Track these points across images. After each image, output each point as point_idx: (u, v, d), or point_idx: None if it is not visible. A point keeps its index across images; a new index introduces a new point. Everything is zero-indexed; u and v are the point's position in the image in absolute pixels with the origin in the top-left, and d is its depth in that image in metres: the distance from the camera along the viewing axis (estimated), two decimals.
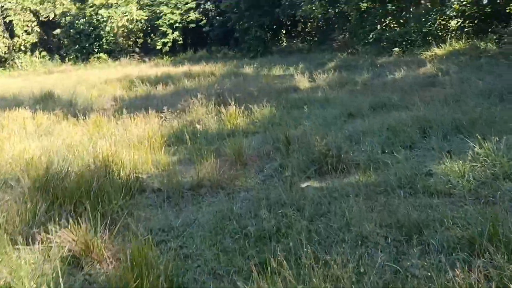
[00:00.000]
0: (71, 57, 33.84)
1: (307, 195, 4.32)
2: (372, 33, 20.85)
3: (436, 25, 18.04)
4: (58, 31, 34.38)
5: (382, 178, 4.67)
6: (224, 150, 6.24)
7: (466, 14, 17.46)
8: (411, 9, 20.67)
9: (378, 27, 21.29)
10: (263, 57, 25.84)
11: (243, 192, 4.85)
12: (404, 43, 18.06)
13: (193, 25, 33.43)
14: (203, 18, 33.54)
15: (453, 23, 18.11)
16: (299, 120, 7.86)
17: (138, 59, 34.24)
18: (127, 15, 34.64)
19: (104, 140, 6.79)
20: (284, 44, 32.29)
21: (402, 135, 5.99)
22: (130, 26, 35.99)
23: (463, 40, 16.12)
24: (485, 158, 4.66)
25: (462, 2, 17.48)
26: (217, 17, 33.11)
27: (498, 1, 17.18)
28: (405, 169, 4.71)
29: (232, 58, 26.99)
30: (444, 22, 18.13)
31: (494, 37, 15.65)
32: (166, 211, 4.51)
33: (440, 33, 17.85)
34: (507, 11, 16.82)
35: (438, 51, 16.16)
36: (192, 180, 5.22)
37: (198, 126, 7.92)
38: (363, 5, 22.43)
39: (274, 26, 31.13)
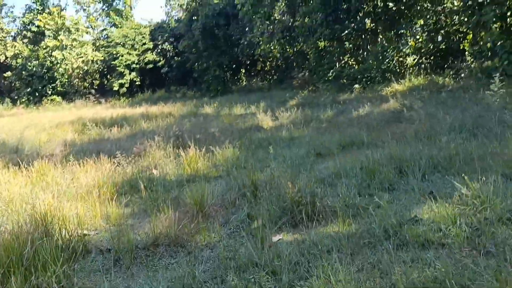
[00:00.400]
0: (23, 100, 32.54)
1: (281, 253, 3.69)
2: (331, 71, 20.87)
3: (394, 62, 18.22)
4: (9, 73, 33.13)
5: (364, 227, 4.12)
6: (183, 199, 5.58)
7: (422, 51, 17.75)
8: (369, 47, 20.90)
9: (337, 64, 21.36)
10: (223, 96, 25.50)
11: (206, 250, 4.18)
12: (364, 79, 18.08)
13: (151, 65, 32.97)
14: (161, 59, 33.17)
15: (410, 60, 18.33)
16: (265, 162, 7.31)
17: (94, 100, 33.38)
18: (82, 57, 33.89)
19: (48, 192, 6.01)
20: (244, 83, 32.20)
21: (377, 175, 5.52)
22: (86, 68, 35.22)
23: (422, 76, 16.26)
24: (473, 200, 4.21)
25: (418, 39, 17.82)
26: (175, 58, 32.79)
27: (451, 38, 17.59)
28: (388, 215, 4.19)
29: (192, 98, 26.50)
30: (401, 58, 18.34)
31: (451, 72, 15.84)
32: (114, 279, 3.78)
33: (398, 69, 18.02)
34: (461, 47, 17.18)
35: (398, 87, 16.21)
36: (147, 237, 4.51)
37: (155, 171, 7.26)
38: (321, 44, 22.62)
39: (233, 66, 31.06)
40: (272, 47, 27.06)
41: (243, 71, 33.05)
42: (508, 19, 13.79)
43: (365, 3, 18.92)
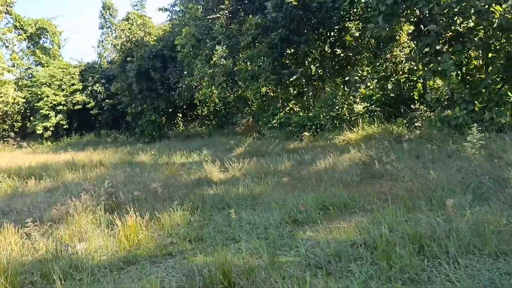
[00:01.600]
0: None
1: None
2: (276, 117, 19.79)
3: (344, 109, 17.39)
4: None
5: None
6: None
7: (374, 98, 17.09)
8: (315, 93, 20.14)
9: (282, 111, 20.32)
10: (159, 142, 23.63)
11: None
12: (313, 127, 17.04)
13: (80, 106, 30.54)
14: (91, 101, 30.87)
15: (360, 107, 17.59)
16: (227, 232, 5.66)
17: (14, 144, 30.24)
18: (2, 97, 30.84)
19: None
20: (181, 128, 30.46)
21: (395, 259, 4.03)
22: (6, 109, 32.11)
23: (376, 124, 15.43)
24: None
25: (369, 86, 17.20)
26: (106, 100, 30.64)
27: (402, 86, 17.13)
28: None
29: (124, 144, 24.34)
30: (351, 106, 17.56)
31: (404, 121, 15.16)
32: None
33: (349, 117, 17.17)
34: (412, 96, 16.71)
35: (351, 135, 15.26)
36: None
37: (79, 247, 5.36)
38: (263, 89, 21.61)
39: (170, 110, 29.33)
40: (212, 92, 25.88)
41: (180, 115, 31.38)
42: (464, 68, 13.35)
43: (313, 48, 18.14)
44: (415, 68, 16.86)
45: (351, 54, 18.63)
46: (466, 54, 13.04)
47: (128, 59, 28.28)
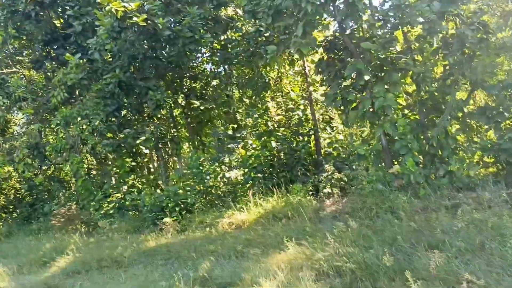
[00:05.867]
0: None
1: None
2: (108, 199, 13.65)
3: (217, 178, 12.34)
4: None
5: None
6: None
7: (257, 161, 12.39)
8: (166, 161, 14.76)
9: (120, 189, 14.21)
10: None
11: None
12: (177, 208, 11.47)
13: None
14: None
15: (236, 175, 12.72)
16: None
17: None
18: None
19: None
20: None
21: None
22: None
23: (275, 195, 10.66)
24: None
25: (251, 145, 12.57)
26: None
27: (290, 142, 12.91)
28: None
29: None
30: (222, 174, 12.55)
31: (306, 188, 10.69)
32: None
33: (226, 190, 12.15)
34: (305, 154, 12.53)
35: (241, 215, 10.25)
36: None
37: None
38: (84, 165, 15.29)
39: None
40: (10, 172, 18.49)
41: None
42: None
43: (166, 97, 12.86)
44: (303, 117, 12.97)
45: (214, 106, 13.87)
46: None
47: None
